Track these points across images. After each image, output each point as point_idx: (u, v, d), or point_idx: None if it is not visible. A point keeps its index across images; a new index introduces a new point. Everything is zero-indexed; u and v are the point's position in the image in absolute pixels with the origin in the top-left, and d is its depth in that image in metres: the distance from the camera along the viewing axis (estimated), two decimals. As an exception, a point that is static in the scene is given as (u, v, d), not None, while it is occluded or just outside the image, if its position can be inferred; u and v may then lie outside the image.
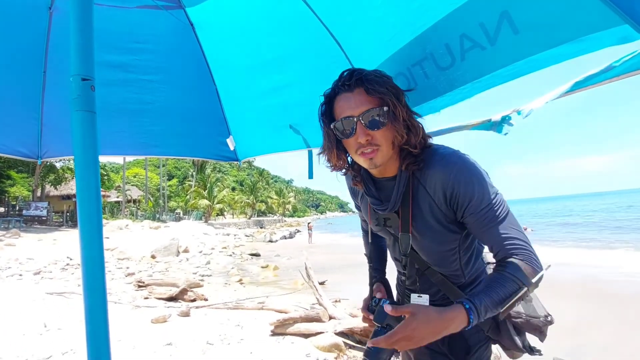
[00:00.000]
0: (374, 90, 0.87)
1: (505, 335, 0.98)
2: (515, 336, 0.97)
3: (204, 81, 1.74)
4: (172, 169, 75.59)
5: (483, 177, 0.88)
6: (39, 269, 9.08)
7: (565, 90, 0.78)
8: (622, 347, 4.10)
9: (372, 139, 0.89)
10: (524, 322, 0.96)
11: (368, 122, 0.88)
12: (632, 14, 0.60)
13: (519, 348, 0.98)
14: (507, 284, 0.79)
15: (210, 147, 2.00)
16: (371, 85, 0.88)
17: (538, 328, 0.96)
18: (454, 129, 1.18)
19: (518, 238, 0.84)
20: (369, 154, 0.90)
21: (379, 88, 0.88)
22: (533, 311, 0.97)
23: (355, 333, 4.01)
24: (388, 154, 0.92)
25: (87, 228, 0.89)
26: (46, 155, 1.80)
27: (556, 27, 0.73)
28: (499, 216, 0.85)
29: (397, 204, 0.96)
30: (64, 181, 27.78)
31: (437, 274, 1.02)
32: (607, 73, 0.70)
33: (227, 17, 1.44)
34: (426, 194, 0.93)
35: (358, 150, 0.91)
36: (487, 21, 0.85)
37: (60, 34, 1.47)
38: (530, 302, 0.99)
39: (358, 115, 0.88)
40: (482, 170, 0.90)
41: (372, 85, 0.88)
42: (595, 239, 17.43)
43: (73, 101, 0.90)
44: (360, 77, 0.90)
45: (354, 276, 9.57)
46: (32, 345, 3.73)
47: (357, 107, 0.88)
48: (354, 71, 0.93)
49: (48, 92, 1.63)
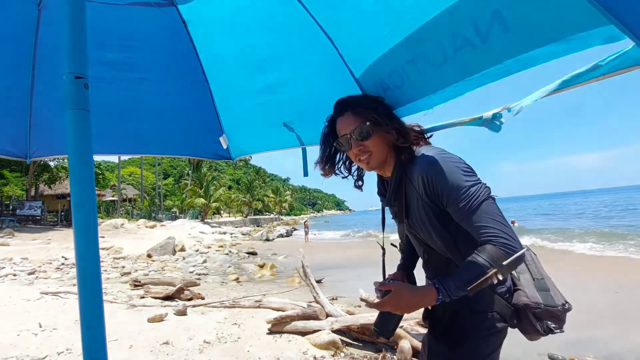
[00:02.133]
0: (356, 112, 1.12)
1: (526, 322, 1.08)
2: (537, 323, 1.07)
3: (197, 79, 1.74)
4: (168, 167, 75.18)
5: (455, 171, 0.98)
6: (33, 269, 9.01)
7: (553, 89, 0.79)
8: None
9: (364, 148, 1.11)
10: (543, 311, 1.05)
11: (358, 135, 1.10)
12: (617, 14, 0.61)
13: (540, 332, 1.08)
14: (475, 267, 0.90)
15: (204, 146, 1.99)
16: (353, 108, 1.13)
17: (556, 316, 1.05)
18: (447, 126, 1.20)
19: (491, 225, 0.93)
20: (365, 159, 1.12)
21: (359, 109, 1.12)
22: (551, 301, 1.06)
23: (353, 330, 4.03)
24: (381, 157, 1.12)
25: (82, 227, 0.89)
26: (35, 155, 1.77)
27: (545, 27, 0.74)
28: (471, 207, 0.95)
29: (391, 198, 1.15)
30: (58, 180, 27.50)
31: (443, 258, 1.12)
32: (593, 72, 0.71)
33: (220, 14, 1.43)
34: (413, 189, 1.08)
35: (356, 158, 1.14)
36: (479, 19, 0.86)
37: (49, 30, 1.44)
38: (548, 292, 1.09)
39: (350, 133, 1.11)
40: (457, 165, 0.99)
41: (354, 108, 1.13)
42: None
43: (66, 99, 0.89)
44: (345, 104, 1.16)
45: (351, 274, 9.61)
46: (27, 345, 3.71)
47: (348, 127, 1.12)
48: (341, 100, 1.19)
49: (37, 91, 1.60)
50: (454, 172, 0.97)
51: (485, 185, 0.98)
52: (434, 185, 1.00)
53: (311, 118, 1.66)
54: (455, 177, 0.97)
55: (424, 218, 1.07)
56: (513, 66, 0.84)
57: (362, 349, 3.79)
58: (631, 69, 0.67)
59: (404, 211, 1.12)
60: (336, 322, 4.05)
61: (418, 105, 1.20)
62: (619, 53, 0.68)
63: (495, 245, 0.90)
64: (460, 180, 0.96)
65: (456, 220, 1.01)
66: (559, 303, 1.05)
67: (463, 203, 0.95)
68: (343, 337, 3.95)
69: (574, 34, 0.69)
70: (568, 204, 57.44)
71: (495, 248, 0.90)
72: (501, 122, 0.95)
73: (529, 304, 1.05)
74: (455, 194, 0.96)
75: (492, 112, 0.97)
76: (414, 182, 1.06)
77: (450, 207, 0.99)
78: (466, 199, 0.95)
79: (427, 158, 1.03)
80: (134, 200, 42.87)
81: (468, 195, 0.95)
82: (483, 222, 0.93)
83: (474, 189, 0.96)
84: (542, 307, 1.04)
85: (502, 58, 0.84)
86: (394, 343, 3.76)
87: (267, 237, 24.97)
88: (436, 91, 1.10)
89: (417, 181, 1.05)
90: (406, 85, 1.18)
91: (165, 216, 39.74)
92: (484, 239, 0.92)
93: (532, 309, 1.05)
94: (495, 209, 0.95)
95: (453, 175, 0.97)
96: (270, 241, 23.94)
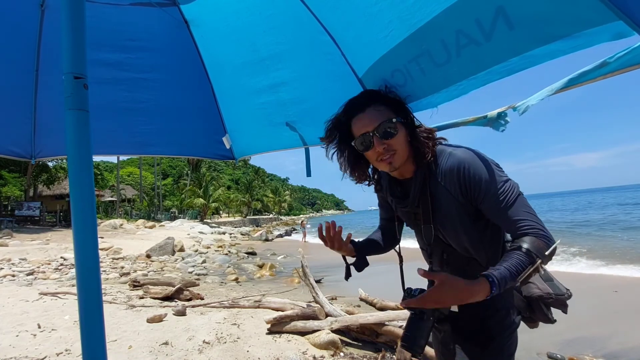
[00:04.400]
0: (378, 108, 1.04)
1: (539, 313, 1.13)
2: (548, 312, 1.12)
3: (199, 79, 1.73)
4: (167, 167, 75.05)
5: (491, 167, 0.98)
6: (32, 270, 8.97)
7: (560, 87, 0.78)
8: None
9: (389, 147, 1.03)
10: (554, 300, 1.10)
11: (381, 133, 1.02)
12: (625, 10, 0.60)
13: (551, 320, 1.13)
14: (522, 259, 0.87)
15: (206, 146, 1.99)
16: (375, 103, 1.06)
17: (564, 303, 1.12)
18: (451, 125, 1.19)
19: (528, 219, 0.93)
20: (388, 159, 1.04)
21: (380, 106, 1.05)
22: (558, 290, 1.12)
23: (352, 330, 4.03)
24: (404, 157, 1.06)
25: (81, 228, 0.89)
26: (40, 155, 1.78)
27: (551, 23, 0.73)
28: (508, 201, 0.94)
29: (416, 199, 1.10)
30: (56, 181, 27.43)
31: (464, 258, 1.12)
32: (601, 69, 0.70)
33: (222, 14, 1.43)
34: (443, 189, 1.04)
35: (378, 158, 1.06)
36: (482, 17, 0.85)
37: (52, 31, 1.44)
38: (552, 281, 1.14)
39: (373, 130, 1.03)
40: (489, 161, 0.99)
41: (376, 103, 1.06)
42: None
43: (66, 100, 0.89)
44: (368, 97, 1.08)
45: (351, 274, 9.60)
46: (26, 346, 3.69)
47: (370, 124, 1.03)
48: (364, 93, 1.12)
49: (41, 91, 1.60)
50: (490, 167, 0.98)
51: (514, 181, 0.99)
52: (471, 178, 0.98)
53: (314, 118, 1.65)
54: (492, 172, 0.97)
55: (453, 216, 1.05)
56: (518, 64, 0.84)
57: (361, 349, 3.79)
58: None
59: (430, 212, 1.08)
60: (336, 322, 4.04)
61: (422, 104, 1.19)
62: (627, 50, 0.67)
63: (537, 237, 0.90)
64: (497, 175, 0.97)
65: (489, 215, 1.00)
66: (564, 291, 1.12)
67: (502, 197, 0.95)
68: (342, 337, 3.94)
69: (581, 30, 0.68)
70: (567, 203, 57.66)
71: (537, 239, 0.90)
72: (506, 121, 0.94)
73: (543, 295, 1.10)
74: (493, 187, 0.96)
75: (497, 111, 0.96)
76: (445, 181, 1.04)
77: (486, 201, 0.98)
78: (504, 193, 0.95)
79: (463, 153, 1.01)
80: (132, 200, 42.78)
81: (505, 190, 0.95)
82: (521, 216, 0.93)
83: (508, 184, 0.96)
84: (554, 297, 1.09)
85: (506, 56, 0.83)
86: (394, 342, 3.75)
87: (266, 237, 24.94)
88: (440, 90, 1.09)
89: (449, 180, 1.02)
90: (409, 84, 1.17)
91: (164, 216, 39.67)
92: (522, 232, 0.92)
93: (545, 299, 1.10)
94: (528, 203, 0.96)
95: (490, 169, 0.97)
96: (270, 241, 23.91)
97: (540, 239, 0.89)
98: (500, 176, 0.97)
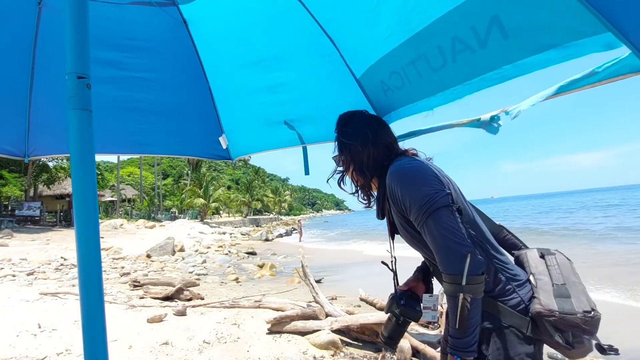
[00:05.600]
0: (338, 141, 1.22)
1: (545, 333, 0.96)
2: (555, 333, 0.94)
3: (197, 79, 1.74)
4: (167, 167, 74.98)
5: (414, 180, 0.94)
6: (32, 270, 8.98)
7: (550, 94, 0.80)
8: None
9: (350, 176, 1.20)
10: (558, 319, 0.92)
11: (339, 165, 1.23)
12: (614, 22, 0.62)
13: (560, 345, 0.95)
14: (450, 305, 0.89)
15: (204, 146, 1.99)
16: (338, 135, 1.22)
17: (576, 325, 0.91)
18: (445, 127, 1.20)
19: (436, 249, 0.90)
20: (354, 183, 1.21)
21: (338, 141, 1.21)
22: (570, 308, 0.93)
23: (352, 330, 4.04)
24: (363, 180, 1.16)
25: (83, 227, 0.89)
26: (33, 154, 1.76)
27: (543, 33, 0.75)
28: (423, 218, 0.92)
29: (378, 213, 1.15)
30: (57, 181, 27.43)
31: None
32: (589, 78, 0.72)
33: (221, 14, 1.44)
34: (389, 202, 1.08)
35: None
36: (478, 24, 0.87)
37: (49, 30, 1.43)
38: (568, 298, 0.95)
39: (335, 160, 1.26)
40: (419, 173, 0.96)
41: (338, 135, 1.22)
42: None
43: (69, 100, 0.89)
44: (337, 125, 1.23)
45: (351, 274, 9.62)
46: (26, 346, 3.71)
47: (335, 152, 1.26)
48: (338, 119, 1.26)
49: (36, 90, 1.60)
50: (413, 180, 0.95)
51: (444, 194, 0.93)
52: (393, 191, 1.01)
53: (311, 117, 1.66)
54: (413, 185, 0.94)
55: (402, 229, 1.07)
56: (511, 72, 0.85)
57: (361, 349, 3.80)
58: (627, 76, 0.68)
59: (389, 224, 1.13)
60: (336, 322, 4.05)
61: (418, 107, 1.20)
62: (615, 60, 0.69)
63: (444, 272, 0.89)
64: (415, 189, 0.93)
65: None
66: (578, 310, 0.91)
67: (416, 214, 0.94)
68: (343, 337, 3.95)
69: (571, 41, 0.70)
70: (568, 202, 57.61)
71: (445, 275, 0.89)
72: (499, 125, 0.96)
73: (542, 311, 0.94)
74: (413, 203, 0.94)
75: (490, 115, 0.98)
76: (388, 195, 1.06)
77: (412, 216, 0.97)
78: (419, 209, 0.91)
79: (393, 167, 1.04)
80: (133, 200, 42.77)
81: (421, 206, 0.91)
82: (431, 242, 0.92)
83: (427, 198, 0.91)
84: (557, 315, 0.92)
85: (500, 63, 0.85)
86: (393, 343, 3.76)
87: (266, 237, 24.94)
88: (436, 93, 1.11)
89: (389, 194, 1.05)
90: (406, 86, 1.19)
91: (165, 216, 39.65)
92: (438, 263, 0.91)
93: (545, 317, 0.94)
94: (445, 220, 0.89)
95: (412, 182, 0.95)
96: (270, 241, 23.91)
97: (448, 274, 0.88)
98: (420, 191, 0.93)
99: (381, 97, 1.37)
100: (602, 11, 0.63)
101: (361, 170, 1.12)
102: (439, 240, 0.89)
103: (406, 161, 1.04)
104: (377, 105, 1.44)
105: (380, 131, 1.15)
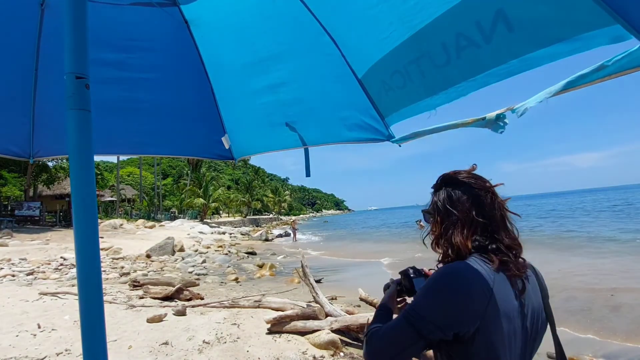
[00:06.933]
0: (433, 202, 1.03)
1: None
2: None
3: (199, 79, 1.73)
4: (167, 167, 75.01)
5: (432, 290, 0.84)
6: (32, 270, 8.97)
7: (558, 89, 0.79)
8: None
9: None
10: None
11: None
12: (623, 14, 0.61)
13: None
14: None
15: (206, 146, 1.99)
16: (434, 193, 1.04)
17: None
18: (450, 127, 1.19)
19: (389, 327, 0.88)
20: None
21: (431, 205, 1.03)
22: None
23: (352, 330, 4.03)
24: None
25: (82, 227, 0.89)
26: (38, 155, 1.76)
27: (550, 26, 0.74)
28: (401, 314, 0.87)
29: None
30: (56, 181, 27.42)
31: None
32: (599, 72, 0.71)
33: (222, 14, 1.43)
34: None
35: None
36: (483, 19, 0.85)
37: (52, 30, 1.44)
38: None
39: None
40: (440, 283, 0.84)
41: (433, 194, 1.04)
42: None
43: (67, 100, 0.89)
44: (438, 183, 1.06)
45: (350, 274, 9.61)
46: (26, 346, 3.69)
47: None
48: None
49: (40, 91, 1.60)
50: (431, 289, 0.84)
51: (432, 326, 0.79)
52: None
53: (314, 118, 1.65)
54: (426, 295, 0.85)
55: None
56: (517, 66, 0.84)
57: (361, 349, 3.79)
58: (637, 69, 0.67)
59: None
60: (335, 322, 4.05)
61: (420, 106, 1.19)
62: (625, 53, 0.68)
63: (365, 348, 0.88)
64: (424, 297, 0.85)
65: None
66: None
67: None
68: (342, 337, 3.95)
69: (579, 33, 0.69)
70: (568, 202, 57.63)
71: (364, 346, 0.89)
72: (505, 123, 0.95)
73: None
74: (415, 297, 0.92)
75: (495, 113, 0.97)
76: None
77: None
78: (408, 306, 0.86)
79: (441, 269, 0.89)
80: (132, 200, 42.77)
81: (410, 307, 0.85)
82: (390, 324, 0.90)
83: (412, 305, 0.84)
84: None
85: (506, 58, 0.84)
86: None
87: (266, 237, 24.94)
88: (439, 92, 1.09)
89: None
90: (408, 86, 1.18)
91: (164, 216, 39.66)
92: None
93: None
94: (400, 330, 0.83)
95: (427, 291, 0.85)
96: (270, 241, 23.92)
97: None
98: (422, 296, 0.85)
99: (383, 97, 1.36)
100: (610, 2, 0.62)
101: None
102: (387, 330, 0.86)
103: (457, 265, 0.85)
104: (379, 106, 1.43)
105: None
